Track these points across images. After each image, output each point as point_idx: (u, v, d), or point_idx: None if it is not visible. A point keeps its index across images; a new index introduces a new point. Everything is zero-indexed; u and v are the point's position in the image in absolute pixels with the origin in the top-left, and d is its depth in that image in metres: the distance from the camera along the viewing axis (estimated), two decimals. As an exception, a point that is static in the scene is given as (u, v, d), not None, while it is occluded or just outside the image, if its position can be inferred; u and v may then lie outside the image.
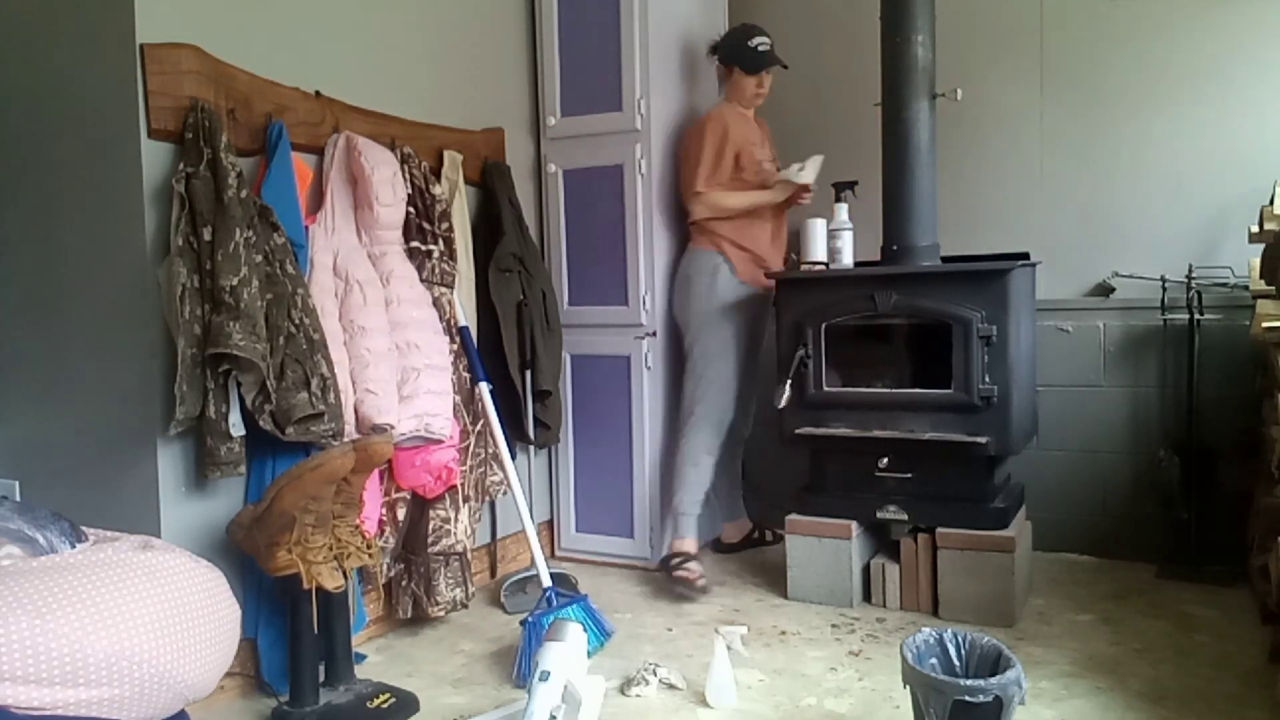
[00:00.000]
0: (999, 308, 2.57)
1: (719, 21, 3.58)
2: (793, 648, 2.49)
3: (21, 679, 1.41)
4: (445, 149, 2.87)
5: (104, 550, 1.64)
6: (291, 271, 2.20)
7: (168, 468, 2.13)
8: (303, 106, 2.41)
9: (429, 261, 2.63)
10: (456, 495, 2.65)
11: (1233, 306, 2.90)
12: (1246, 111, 2.96)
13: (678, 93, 3.27)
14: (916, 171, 2.77)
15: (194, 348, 2.02)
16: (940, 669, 1.82)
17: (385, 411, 2.36)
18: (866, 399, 2.79)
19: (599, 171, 3.19)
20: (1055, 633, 2.52)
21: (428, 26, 2.87)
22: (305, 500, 2.04)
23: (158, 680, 1.56)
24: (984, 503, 2.65)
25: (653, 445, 3.18)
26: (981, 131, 3.27)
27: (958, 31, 3.19)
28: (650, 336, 3.15)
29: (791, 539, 2.83)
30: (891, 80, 2.79)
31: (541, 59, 3.26)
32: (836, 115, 3.55)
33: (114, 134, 2.11)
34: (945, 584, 2.65)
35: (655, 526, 3.19)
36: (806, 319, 2.80)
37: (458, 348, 2.72)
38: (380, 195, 2.44)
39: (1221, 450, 2.92)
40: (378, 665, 2.45)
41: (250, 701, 2.24)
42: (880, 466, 2.73)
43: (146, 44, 2.06)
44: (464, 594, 2.66)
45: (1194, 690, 2.15)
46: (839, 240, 2.93)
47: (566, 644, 1.84)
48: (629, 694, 2.22)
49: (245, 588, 2.22)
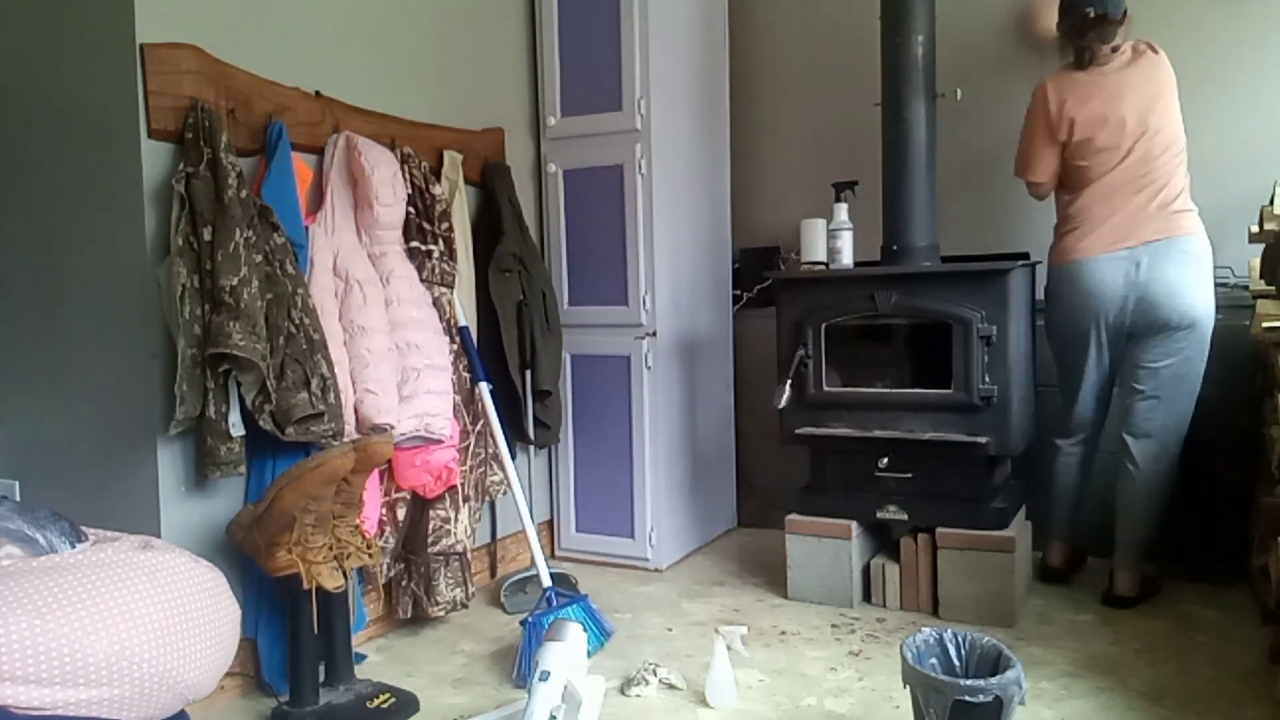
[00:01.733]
0: (999, 308, 2.57)
1: (719, 21, 3.58)
2: (793, 648, 2.49)
3: (21, 679, 1.41)
4: (445, 149, 2.87)
5: (104, 550, 1.64)
6: (291, 271, 2.20)
7: (168, 468, 2.13)
8: (303, 106, 2.41)
9: (429, 261, 2.63)
10: (456, 495, 2.65)
11: (1233, 306, 2.90)
12: (1246, 112, 2.96)
13: (678, 93, 3.27)
14: (916, 171, 2.77)
15: (194, 348, 2.02)
16: (940, 669, 1.82)
17: (385, 411, 2.36)
18: (866, 399, 2.79)
19: (599, 171, 3.19)
20: (1055, 633, 2.52)
21: (427, 27, 2.87)
22: (305, 500, 2.04)
23: (158, 680, 1.56)
24: (984, 503, 2.65)
25: (653, 445, 3.18)
26: (981, 131, 3.27)
27: (958, 31, 3.19)
28: (650, 336, 3.15)
29: (791, 539, 2.83)
30: (891, 80, 2.79)
31: (541, 59, 3.26)
32: (836, 115, 3.55)
33: (114, 134, 2.11)
34: (945, 584, 2.65)
35: (657, 526, 3.19)
36: (806, 319, 2.80)
37: (458, 348, 2.72)
38: (380, 195, 2.44)
39: (1221, 450, 2.91)
40: (378, 665, 2.45)
41: (250, 701, 2.24)
42: (880, 466, 2.73)
43: (146, 44, 2.06)
44: (464, 594, 2.66)
45: (1194, 690, 2.15)
46: (839, 240, 2.92)
47: (566, 644, 1.84)
48: (629, 694, 2.22)
49: (245, 588, 2.22)
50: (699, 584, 3.05)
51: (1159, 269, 2.56)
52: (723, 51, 3.60)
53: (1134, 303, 2.59)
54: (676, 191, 3.26)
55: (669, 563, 3.25)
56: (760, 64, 3.70)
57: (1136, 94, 2.59)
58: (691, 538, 3.41)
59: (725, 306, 3.65)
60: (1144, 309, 2.59)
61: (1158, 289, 2.56)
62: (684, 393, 3.33)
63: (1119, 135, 2.60)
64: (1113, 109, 2.60)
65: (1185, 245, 2.56)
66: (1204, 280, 2.57)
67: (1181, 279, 2.55)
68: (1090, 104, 2.63)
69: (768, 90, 3.70)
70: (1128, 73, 2.61)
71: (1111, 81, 2.62)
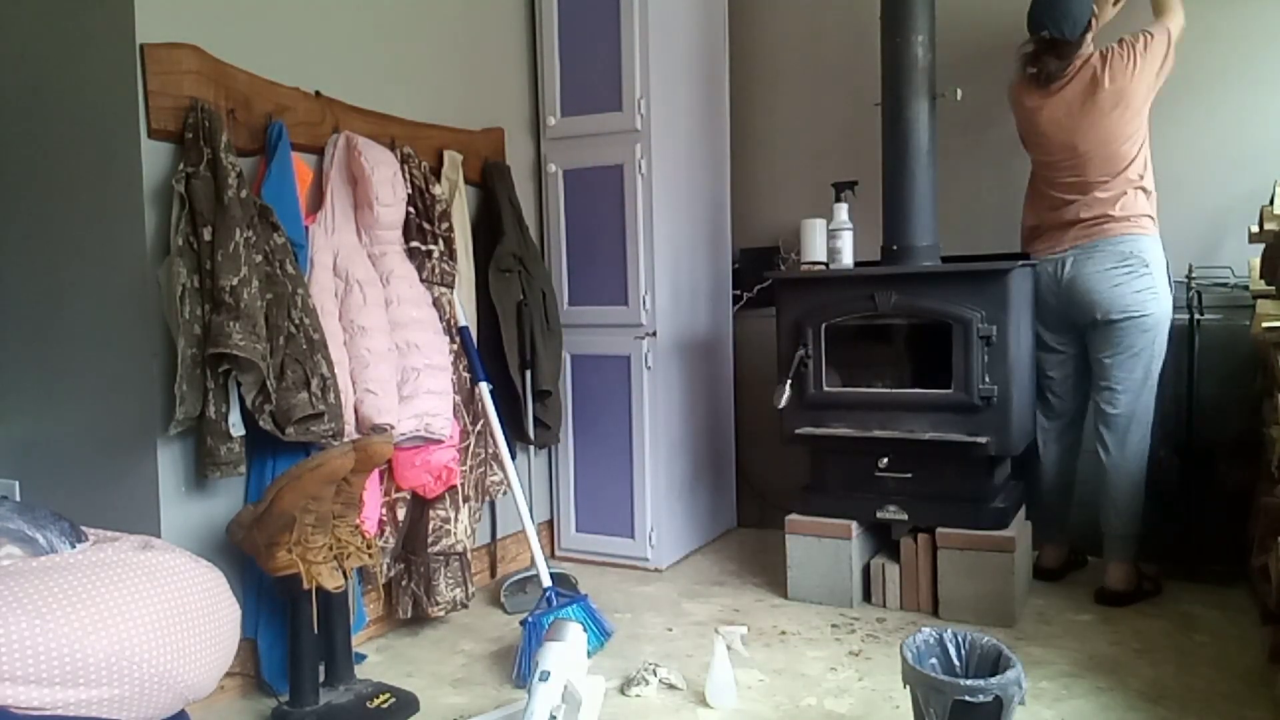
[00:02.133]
0: (999, 308, 2.57)
1: (719, 21, 3.58)
2: (793, 648, 2.49)
3: (21, 679, 1.41)
4: (445, 149, 2.87)
5: (104, 550, 1.64)
6: (291, 271, 2.20)
7: (168, 468, 2.13)
8: (303, 106, 2.41)
9: (429, 261, 2.63)
10: (456, 495, 2.65)
11: (1233, 306, 2.90)
12: (1246, 112, 2.96)
13: (678, 93, 3.27)
14: (916, 171, 2.77)
15: (194, 348, 2.02)
16: (940, 669, 1.82)
17: (385, 411, 2.36)
18: (866, 399, 2.79)
19: (599, 171, 3.19)
20: (1055, 633, 2.52)
21: (427, 26, 2.87)
22: (305, 500, 2.04)
23: (158, 680, 1.56)
24: (984, 503, 2.65)
25: (653, 445, 3.18)
26: (981, 131, 3.27)
27: (958, 31, 3.19)
28: (650, 336, 3.15)
29: (791, 539, 2.83)
30: (891, 80, 2.79)
31: (541, 59, 3.26)
32: (836, 115, 3.55)
33: (114, 134, 2.11)
34: (945, 584, 2.65)
35: (657, 526, 3.19)
36: (806, 319, 2.80)
37: (458, 348, 2.72)
38: (380, 195, 2.44)
39: (1221, 450, 2.92)
40: (378, 665, 2.45)
41: (250, 701, 2.24)
42: (880, 466, 2.73)
43: (146, 44, 2.06)
44: (464, 594, 2.66)
45: (1194, 690, 2.15)
46: (839, 240, 2.92)
47: (566, 644, 1.84)
48: (629, 694, 2.22)
49: (245, 588, 2.22)
50: (699, 584, 3.05)
51: (1080, 267, 2.72)
52: (723, 51, 3.61)
53: (1064, 301, 2.77)
54: (676, 191, 3.26)
55: (669, 563, 3.25)
56: (760, 64, 3.70)
57: (1075, 118, 2.71)
58: (691, 538, 3.41)
59: (725, 306, 3.65)
60: (1072, 306, 2.76)
61: (1078, 287, 2.72)
62: (684, 393, 3.33)
63: (1054, 153, 2.77)
64: (1052, 130, 2.76)
65: (1111, 246, 2.68)
66: (1136, 278, 2.66)
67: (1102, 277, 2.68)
68: (1034, 122, 2.80)
69: (768, 90, 3.70)
70: (1076, 94, 2.71)
71: (1056, 104, 2.74)
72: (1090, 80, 2.68)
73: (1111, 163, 2.69)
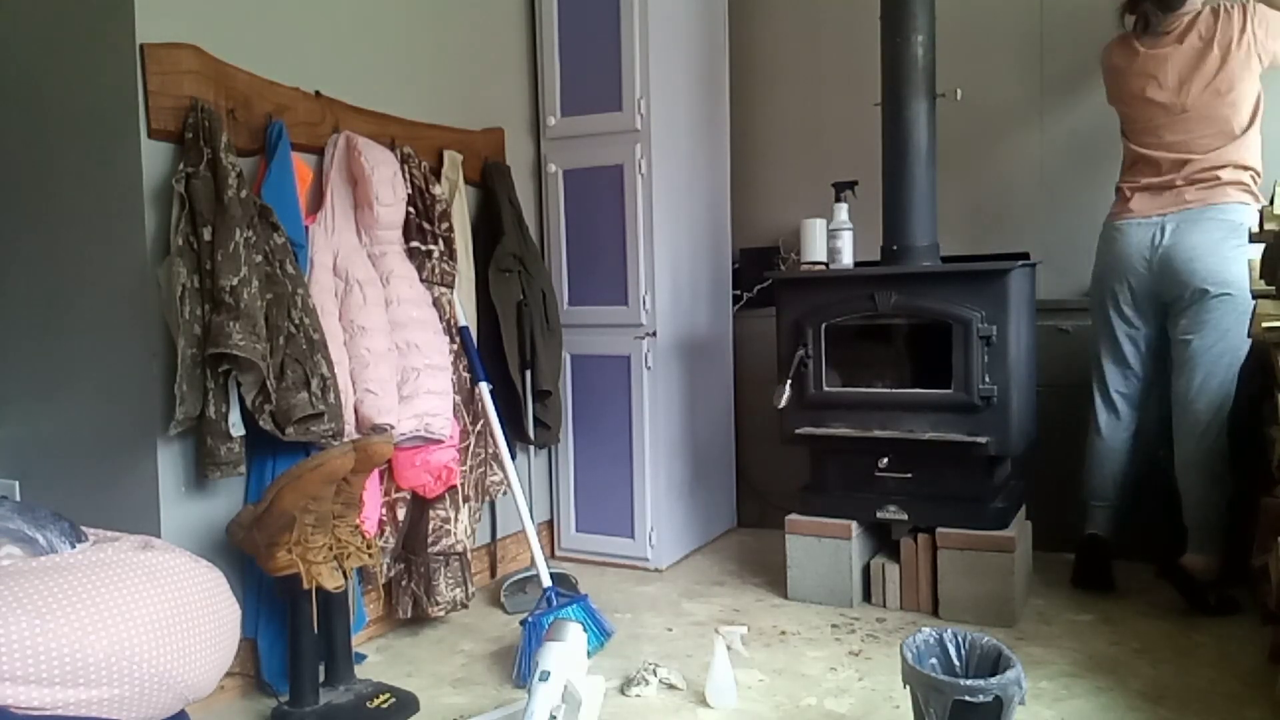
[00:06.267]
0: (999, 308, 2.57)
1: (719, 21, 3.58)
2: (793, 648, 2.49)
3: (21, 679, 1.41)
4: (445, 149, 2.87)
5: (104, 550, 1.64)
6: (291, 271, 2.20)
7: (168, 468, 2.13)
8: (303, 106, 2.41)
9: (429, 261, 2.63)
10: (456, 495, 2.65)
11: (1233, 306, 2.89)
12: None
13: (678, 93, 3.27)
14: (916, 171, 2.77)
15: (194, 348, 2.02)
16: (940, 669, 1.82)
17: (385, 411, 2.36)
18: (866, 399, 2.79)
19: (599, 171, 3.19)
20: (1055, 633, 2.52)
21: (427, 27, 2.87)
22: (305, 500, 2.04)
23: (158, 680, 1.56)
24: (984, 503, 2.65)
25: (653, 445, 3.18)
26: (981, 131, 3.27)
27: (958, 31, 3.19)
28: (650, 336, 3.15)
29: (791, 539, 2.83)
30: (891, 80, 2.79)
31: (541, 59, 3.26)
32: (836, 115, 3.55)
33: (114, 134, 2.11)
34: (945, 584, 2.65)
35: (657, 526, 3.19)
36: (806, 319, 2.80)
37: (458, 348, 2.72)
38: (380, 195, 2.45)
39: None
40: (378, 665, 2.45)
41: (250, 701, 2.24)
42: (880, 466, 2.73)
43: (146, 44, 2.06)
44: (464, 594, 2.66)
45: (1194, 690, 2.15)
46: (839, 240, 2.93)
47: (566, 644, 1.84)
48: (629, 694, 2.22)
49: (245, 588, 2.22)
50: (699, 584, 3.05)
51: (1183, 235, 2.55)
52: (723, 51, 3.60)
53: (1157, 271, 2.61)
54: (676, 191, 3.26)
55: (669, 563, 3.25)
56: (760, 64, 3.70)
57: (1179, 69, 2.58)
58: (691, 538, 3.41)
59: (725, 306, 3.65)
60: (1164, 277, 2.60)
61: (1178, 255, 2.55)
62: (684, 393, 3.33)
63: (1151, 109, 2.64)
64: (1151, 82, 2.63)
65: (1215, 214, 2.54)
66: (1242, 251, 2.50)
67: (1205, 245, 2.52)
68: (1130, 74, 2.68)
69: (768, 90, 3.70)
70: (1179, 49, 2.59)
71: (1155, 56, 2.62)
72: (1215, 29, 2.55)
73: (1222, 123, 2.55)
